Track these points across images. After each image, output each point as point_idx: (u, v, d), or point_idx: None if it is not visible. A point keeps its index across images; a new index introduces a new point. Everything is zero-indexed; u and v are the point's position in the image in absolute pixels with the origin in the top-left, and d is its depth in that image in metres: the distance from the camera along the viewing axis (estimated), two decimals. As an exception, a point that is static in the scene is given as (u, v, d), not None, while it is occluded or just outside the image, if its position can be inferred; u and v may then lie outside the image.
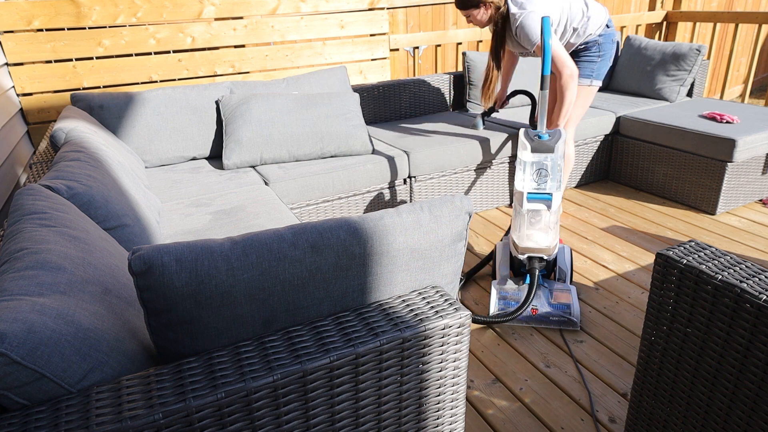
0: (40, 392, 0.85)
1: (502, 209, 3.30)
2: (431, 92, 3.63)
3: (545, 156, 2.16)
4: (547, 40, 2.13)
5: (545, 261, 2.23)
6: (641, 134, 3.32)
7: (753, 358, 1.06)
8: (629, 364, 1.94)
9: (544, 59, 2.17)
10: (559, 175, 2.17)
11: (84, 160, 1.72)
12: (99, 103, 2.63)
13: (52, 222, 1.20)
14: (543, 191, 2.16)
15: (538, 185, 2.17)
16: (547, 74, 2.19)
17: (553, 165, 2.15)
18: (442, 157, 2.93)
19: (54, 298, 0.94)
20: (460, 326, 1.10)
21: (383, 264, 1.07)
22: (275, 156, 2.71)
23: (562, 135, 2.22)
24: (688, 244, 1.23)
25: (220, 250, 0.93)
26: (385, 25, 3.66)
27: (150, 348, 1.05)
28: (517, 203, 2.23)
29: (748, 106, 3.42)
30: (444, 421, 1.20)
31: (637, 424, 1.42)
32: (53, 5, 2.83)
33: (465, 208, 1.14)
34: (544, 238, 2.21)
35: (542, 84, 2.22)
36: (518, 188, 2.22)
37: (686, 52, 3.55)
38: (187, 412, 0.87)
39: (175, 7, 3.08)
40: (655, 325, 1.27)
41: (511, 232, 2.31)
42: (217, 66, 3.31)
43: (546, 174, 2.14)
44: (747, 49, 6.95)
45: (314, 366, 0.96)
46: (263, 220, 2.06)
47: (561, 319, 2.14)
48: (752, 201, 3.18)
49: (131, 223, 1.63)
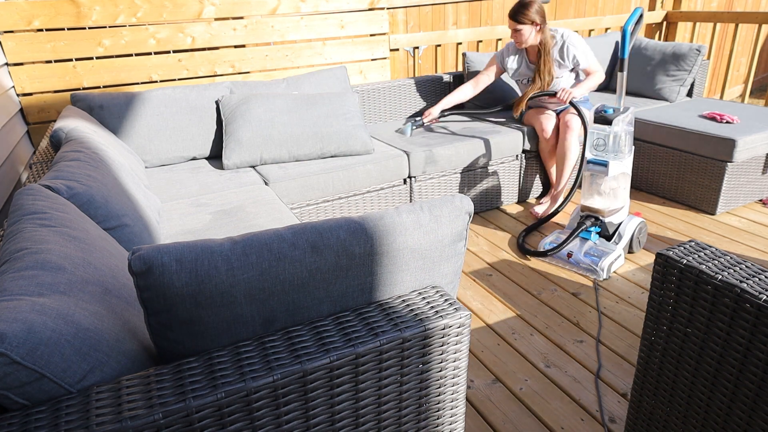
0: (40, 392, 0.85)
1: (503, 209, 3.30)
2: (431, 92, 3.63)
3: (603, 128, 2.43)
4: (627, 27, 2.41)
5: (599, 220, 2.57)
6: (641, 134, 3.32)
7: (753, 358, 1.06)
8: (629, 364, 1.94)
9: (624, 43, 2.44)
10: (620, 146, 2.44)
11: (84, 160, 1.72)
12: (99, 103, 2.63)
13: (52, 222, 1.20)
14: (600, 158, 2.47)
15: (597, 153, 2.47)
16: (624, 57, 2.48)
17: (612, 136, 2.42)
18: (442, 156, 2.93)
19: (54, 298, 0.94)
20: (460, 326, 1.10)
21: (383, 264, 1.07)
22: (275, 156, 2.71)
23: (627, 111, 2.45)
24: (688, 244, 1.23)
25: (220, 250, 0.93)
26: (385, 25, 3.66)
27: (150, 348, 1.05)
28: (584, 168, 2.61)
29: (748, 106, 3.42)
30: (444, 421, 1.20)
31: (637, 424, 1.42)
32: (53, 5, 2.83)
33: (465, 208, 1.14)
34: (600, 201, 2.57)
35: (621, 66, 2.52)
36: (585, 155, 2.58)
37: (686, 52, 3.55)
38: (187, 412, 0.87)
39: (175, 7, 3.08)
40: (655, 325, 1.27)
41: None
42: (217, 66, 3.31)
43: (604, 144, 2.43)
44: (747, 49, 6.95)
45: (314, 366, 0.96)
46: (263, 220, 2.06)
47: (589, 267, 2.52)
48: (752, 201, 3.18)
49: (131, 223, 1.63)
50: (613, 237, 2.63)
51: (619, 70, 2.53)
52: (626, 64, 2.51)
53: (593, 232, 2.60)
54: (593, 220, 2.58)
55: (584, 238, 2.62)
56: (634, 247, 2.67)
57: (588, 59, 2.98)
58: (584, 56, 2.96)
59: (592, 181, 2.56)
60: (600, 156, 2.47)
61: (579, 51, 2.94)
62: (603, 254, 2.52)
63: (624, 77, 2.54)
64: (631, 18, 2.43)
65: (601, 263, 2.49)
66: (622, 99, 2.56)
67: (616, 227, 2.62)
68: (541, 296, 2.38)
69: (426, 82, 3.59)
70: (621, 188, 2.55)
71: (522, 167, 3.27)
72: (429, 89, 3.61)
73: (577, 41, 2.94)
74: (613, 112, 2.41)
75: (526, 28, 2.87)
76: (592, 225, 2.59)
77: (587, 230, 2.60)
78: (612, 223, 2.60)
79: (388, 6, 3.71)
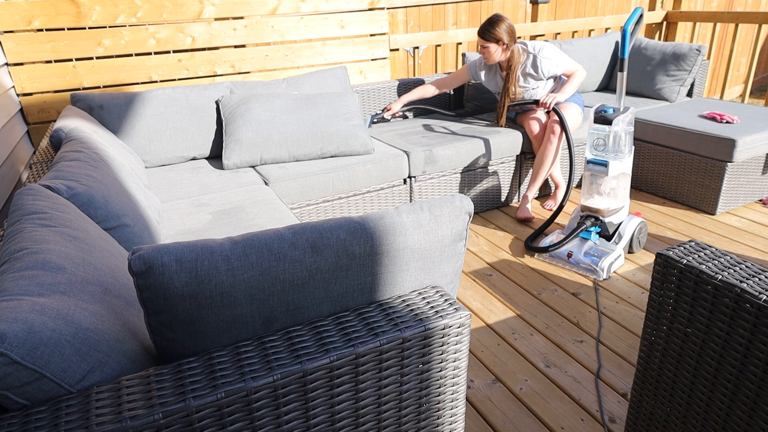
0: (40, 392, 0.85)
1: (503, 209, 3.30)
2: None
3: (603, 128, 2.43)
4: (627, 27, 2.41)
5: (599, 220, 2.58)
6: (641, 134, 3.32)
7: (753, 358, 1.06)
8: (629, 364, 1.94)
9: (624, 43, 2.44)
10: (620, 146, 2.44)
11: (84, 160, 1.72)
12: (99, 103, 2.62)
13: (52, 222, 1.20)
14: (600, 158, 2.47)
15: (597, 153, 2.47)
16: (624, 57, 2.47)
17: (612, 136, 2.42)
18: (442, 156, 2.93)
19: (54, 298, 0.94)
20: (460, 326, 1.10)
21: (383, 264, 1.07)
22: (275, 156, 2.71)
23: (628, 111, 2.45)
24: (688, 244, 1.23)
25: (220, 250, 0.93)
26: (385, 25, 3.66)
27: (150, 348, 1.05)
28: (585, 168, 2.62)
29: (748, 106, 3.42)
30: (444, 421, 1.20)
31: (637, 424, 1.42)
32: (53, 5, 2.83)
33: (465, 208, 1.14)
34: (600, 201, 2.57)
35: (621, 66, 2.52)
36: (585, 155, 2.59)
37: (686, 52, 3.55)
38: (187, 412, 0.87)
39: (175, 7, 3.08)
40: (655, 325, 1.27)
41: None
42: (217, 66, 3.31)
43: (604, 144, 2.43)
44: (747, 49, 6.95)
45: (314, 366, 0.96)
46: (263, 220, 2.06)
47: (589, 267, 2.52)
48: (752, 201, 3.18)
49: (131, 223, 1.63)
50: (613, 237, 2.63)
51: (619, 70, 2.55)
52: (626, 64, 2.51)
53: (593, 232, 2.61)
54: (593, 220, 2.59)
55: (584, 238, 2.62)
56: (634, 247, 2.67)
57: (563, 65, 3.03)
58: (557, 65, 3.01)
59: (592, 181, 2.57)
60: (600, 156, 2.48)
61: (552, 62, 2.99)
62: (603, 254, 2.53)
63: (624, 77, 2.55)
64: (631, 18, 2.44)
65: (601, 263, 2.49)
66: (622, 99, 2.57)
67: (616, 227, 2.63)
68: (541, 296, 2.38)
69: (426, 82, 3.59)
70: (621, 188, 2.55)
71: (522, 167, 3.27)
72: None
73: (549, 53, 2.99)
74: (613, 112, 2.42)
75: (492, 46, 2.96)
76: (592, 225, 2.59)
77: (587, 230, 2.61)
78: (612, 223, 2.60)
79: (388, 6, 3.71)
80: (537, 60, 2.99)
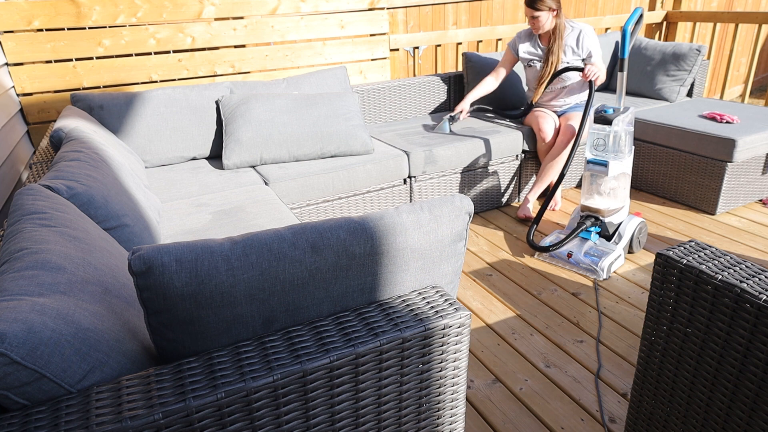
0: (40, 392, 0.85)
1: (503, 209, 3.30)
2: (431, 92, 3.63)
3: (603, 128, 2.43)
4: (627, 27, 2.43)
5: (599, 220, 2.58)
6: (641, 134, 3.32)
7: (753, 358, 1.06)
8: (629, 364, 1.94)
9: (624, 43, 2.46)
10: (620, 146, 2.44)
11: (84, 160, 1.72)
12: (99, 103, 2.62)
13: (52, 222, 1.20)
14: (600, 158, 2.47)
15: (597, 153, 2.47)
16: (624, 57, 2.50)
17: (612, 136, 2.42)
18: (442, 156, 2.93)
19: (54, 298, 0.94)
20: (460, 326, 1.10)
21: (383, 264, 1.07)
22: (275, 156, 2.71)
23: (628, 111, 2.45)
24: (688, 244, 1.23)
25: (220, 250, 0.93)
26: (385, 25, 3.66)
27: (150, 348, 1.05)
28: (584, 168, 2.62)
29: (748, 106, 3.42)
30: (444, 421, 1.20)
31: (637, 424, 1.42)
32: (53, 5, 2.83)
33: (465, 208, 1.14)
34: (600, 200, 2.57)
35: (621, 66, 2.54)
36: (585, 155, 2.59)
37: (686, 52, 3.55)
38: (187, 412, 0.87)
39: (175, 7, 3.08)
40: (655, 325, 1.27)
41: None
42: (217, 66, 3.31)
43: (604, 144, 2.43)
44: (747, 49, 6.95)
45: (314, 366, 0.96)
46: (263, 220, 2.06)
47: (589, 267, 2.52)
48: (752, 201, 3.18)
49: (131, 223, 1.63)
50: (613, 237, 2.63)
51: (619, 70, 2.55)
52: (626, 64, 2.52)
53: (593, 232, 2.61)
54: (593, 220, 2.59)
55: (584, 238, 2.62)
56: (634, 247, 2.67)
57: (599, 56, 3.05)
58: (597, 52, 3.03)
59: (592, 181, 2.57)
60: (600, 156, 2.48)
61: (593, 41, 3.02)
62: (603, 254, 2.53)
63: (624, 77, 2.55)
64: (631, 18, 2.44)
65: (601, 263, 2.49)
66: (622, 99, 2.57)
67: (616, 227, 2.63)
68: (541, 296, 2.38)
69: (426, 83, 3.59)
70: (621, 188, 2.55)
71: (522, 167, 3.27)
72: (429, 89, 3.61)
73: (593, 35, 3.04)
74: (613, 112, 2.42)
75: (543, 15, 2.94)
76: (592, 225, 2.60)
77: (587, 230, 2.61)
78: (612, 223, 2.60)
79: (388, 6, 3.71)
80: (582, 35, 3.01)
